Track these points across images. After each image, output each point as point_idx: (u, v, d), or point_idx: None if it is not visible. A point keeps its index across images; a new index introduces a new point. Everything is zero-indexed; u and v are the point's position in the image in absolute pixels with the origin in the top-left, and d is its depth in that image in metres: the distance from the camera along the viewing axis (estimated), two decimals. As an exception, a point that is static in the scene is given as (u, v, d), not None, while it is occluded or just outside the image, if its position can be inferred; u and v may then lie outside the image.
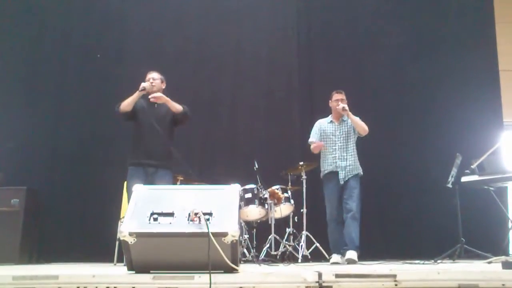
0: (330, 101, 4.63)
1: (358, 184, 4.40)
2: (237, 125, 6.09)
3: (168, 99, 4.04)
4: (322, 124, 4.64)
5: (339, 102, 4.47)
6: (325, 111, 4.75)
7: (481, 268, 2.73)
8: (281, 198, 5.05)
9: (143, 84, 4.03)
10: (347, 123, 4.53)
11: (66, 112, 6.02)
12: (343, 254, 4.27)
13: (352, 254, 4.14)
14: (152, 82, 4.13)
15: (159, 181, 3.94)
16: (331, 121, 4.61)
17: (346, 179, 4.39)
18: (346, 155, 4.44)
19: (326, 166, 4.52)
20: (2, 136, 5.74)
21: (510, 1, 6.49)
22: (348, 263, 4.08)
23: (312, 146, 4.53)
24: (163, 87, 4.26)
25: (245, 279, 2.22)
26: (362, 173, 4.48)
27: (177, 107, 4.07)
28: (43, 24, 6.29)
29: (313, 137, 4.62)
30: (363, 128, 4.42)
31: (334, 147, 4.49)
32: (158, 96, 3.99)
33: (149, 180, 3.91)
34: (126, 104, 4.03)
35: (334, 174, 4.43)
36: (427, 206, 5.43)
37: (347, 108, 4.40)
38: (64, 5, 6.34)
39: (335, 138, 4.51)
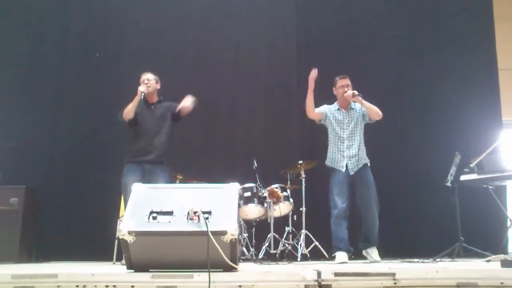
0: (334, 88, 4.42)
1: (371, 176, 4.24)
2: (236, 124, 6.08)
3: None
4: (331, 110, 4.39)
5: (345, 88, 4.27)
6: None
7: (480, 267, 2.74)
8: (280, 197, 5.05)
9: (141, 89, 4.08)
10: (356, 110, 4.32)
11: (65, 111, 6.01)
12: (364, 248, 4.23)
13: (376, 254, 4.15)
14: (147, 83, 4.18)
15: (156, 178, 3.98)
16: (339, 109, 4.37)
17: (357, 169, 4.22)
18: (354, 144, 4.24)
19: (333, 155, 4.32)
20: (1, 135, 5.73)
21: (509, 0, 6.49)
22: (370, 261, 4.06)
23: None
24: (158, 87, 4.33)
25: (244, 277, 2.22)
26: (369, 163, 4.34)
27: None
28: (42, 24, 6.26)
29: (318, 109, 4.38)
30: (377, 112, 4.21)
31: (342, 136, 4.27)
32: (188, 105, 4.07)
33: (146, 177, 3.94)
34: (128, 112, 4.08)
35: (342, 164, 4.24)
36: (426, 205, 5.44)
37: (357, 93, 4.17)
38: (63, 5, 6.32)
39: (344, 126, 4.29)
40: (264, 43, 6.29)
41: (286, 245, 4.95)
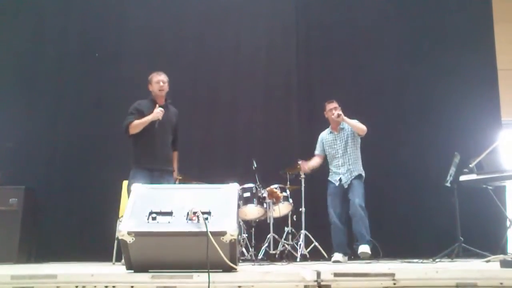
0: (324, 112, 4.77)
1: (361, 184, 4.55)
2: (236, 124, 6.08)
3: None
4: (323, 137, 4.83)
5: (333, 111, 4.61)
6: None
7: (479, 267, 2.73)
8: (280, 197, 5.05)
9: (157, 116, 3.93)
10: (345, 130, 4.68)
11: (65, 111, 6.01)
12: (356, 249, 4.33)
13: (364, 248, 4.23)
14: (162, 86, 4.09)
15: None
16: (331, 132, 4.78)
17: (349, 182, 4.54)
18: (347, 161, 4.60)
19: (330, 173, 4.71)
20: (1, 135, 5.72)
21: (509, 0, 6.49)
22: (362, 257, 4.21)
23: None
24: (167, 90, 4.21)
25: (243, 278, 2.22)
26: (364, 175, 4.61)
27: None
28: (41, 24, 6.26)
29: (317, 150, 4.86)
30: (360, 128, 4.59)
31: (336, 156, 4.67)
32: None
33: (154, 183, 3.88)
34: (135, 128, 3.96)
35: (337, 180, 4.60)
36: (425, 205, 5.44)
37: (341, 113, 4.55)
38: (62, 5, 6.32)
39: (337, 147, 4.69)
40: (264, 43, 6.29)
41: (286, 245, 4.95)
